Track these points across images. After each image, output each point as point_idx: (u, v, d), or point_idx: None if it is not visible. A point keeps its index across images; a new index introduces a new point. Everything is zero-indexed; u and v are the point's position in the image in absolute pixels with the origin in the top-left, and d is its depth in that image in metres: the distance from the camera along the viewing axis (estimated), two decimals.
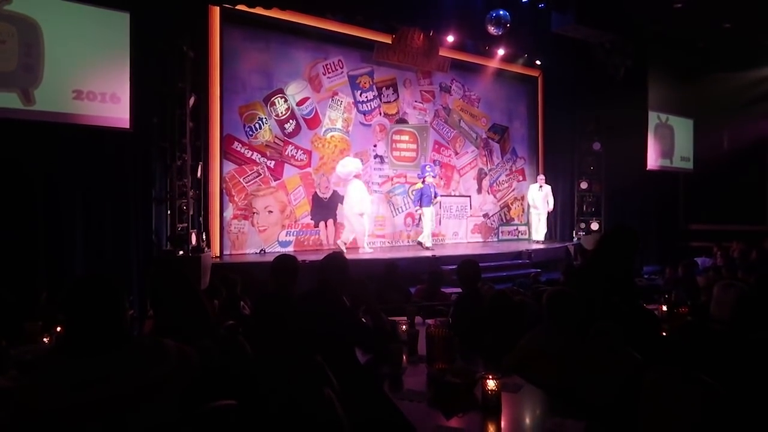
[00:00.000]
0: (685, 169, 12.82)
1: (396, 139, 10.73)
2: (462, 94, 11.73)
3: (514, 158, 12.64)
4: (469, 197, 11.82)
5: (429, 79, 11.16)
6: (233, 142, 8.72)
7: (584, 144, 12.05)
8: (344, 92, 9.99)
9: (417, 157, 11.01)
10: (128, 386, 1.77)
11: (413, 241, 10.78)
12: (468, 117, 11.81)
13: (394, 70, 10.59)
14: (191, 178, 7.18)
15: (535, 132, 12.76)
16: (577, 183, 12.16)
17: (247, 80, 8.89)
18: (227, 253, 8.53)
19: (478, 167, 11.97)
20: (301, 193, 9.43)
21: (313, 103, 9.60)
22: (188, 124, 7.10)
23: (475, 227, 11.94)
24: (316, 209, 9.57)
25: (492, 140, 12.21)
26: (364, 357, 3.19)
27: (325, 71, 9.77)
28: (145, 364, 1.82)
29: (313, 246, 9.49)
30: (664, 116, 12.33)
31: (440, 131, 11.38)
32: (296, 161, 9.39)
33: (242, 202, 8.79)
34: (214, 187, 8.25)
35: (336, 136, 9.88)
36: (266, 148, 9.06)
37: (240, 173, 8.78)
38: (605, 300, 3.30)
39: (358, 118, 10.18)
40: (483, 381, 2.38)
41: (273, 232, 9.11)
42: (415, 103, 11.00)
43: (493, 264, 8.96)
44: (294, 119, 9.39)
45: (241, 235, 8.78)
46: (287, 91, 9.31)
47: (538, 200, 11.39)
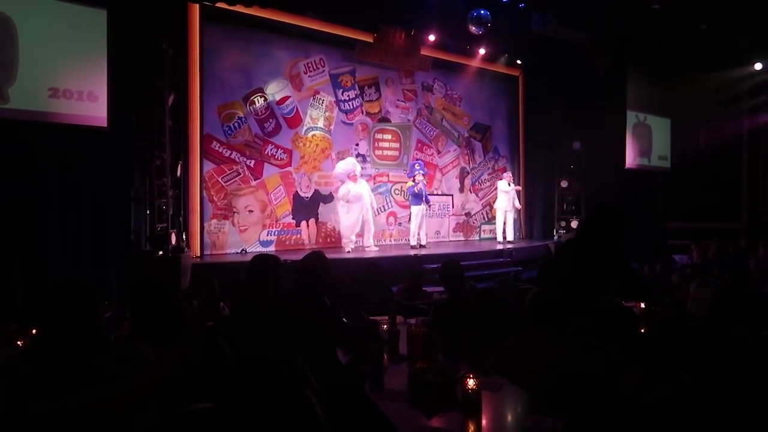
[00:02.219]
0: (663, 168, 13.00)
1: (378, 138, 10.73)
2: (444, 93, 11.76)
3: (496, 157, 12.71)
4: (451, 196, 11.86)
5: (411, 78, 11.18)
6: (212, 141, 8.65)
7: (564, 143, 12.16)
8: (326, 91, 9.96)
9: (400, 156, 11.01)
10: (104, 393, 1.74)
11: (396, 240, 10.80)
12: (450, 116, 11.85)
13: (376, 69, 10.58)
14: (171, 178, 7.11)
15: (517, 131, 12.84)
16: (557, 182, 12.26)
17: (227, 79, 8.82)
18: (207, 254, 8.46)
19: (460, 166, 12.02)
20: (281, 193, 9.38)
21: (293, 101, 9.55)
22: (167, 123, 7.03)
23: (457, 226, 11.98)
24: (297, 209, 9.53)
25: (474, 139, 12.27)
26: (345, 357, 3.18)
27: (307, 70, 9.72)
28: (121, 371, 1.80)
29: (295, 245, 9.45)
30: (642, 115, 12.49)
31: (423, 130, 11.40)
32: (276, 160, 9.34)
33: (222, 202, 8.72)
34: (194, 187, 8.18)
35: (317, 135, 9.84)
36: (245, 148, 9.00)
37: (219, 173, 8.71)
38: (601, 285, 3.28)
39: (340, 116, 10.16)
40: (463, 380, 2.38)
41: (254, 231, 9.06)
42: (398, 101, 11.01)
43: (475, 262, 8.99)
44: (274, 118, 9.33)
45: (222, 235, 8.72)
46: (267, 89, 9.25)
47: (505, 198, 10.90)
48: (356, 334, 3.31)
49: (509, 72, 12.47)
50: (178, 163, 7.42)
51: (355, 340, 3.25)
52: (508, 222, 11.01)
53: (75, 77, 6.16)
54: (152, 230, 6.89)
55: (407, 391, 2.67)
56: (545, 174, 12.47)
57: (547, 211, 12.46)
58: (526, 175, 12.78)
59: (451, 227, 11.89)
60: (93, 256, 6.34)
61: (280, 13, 8.92)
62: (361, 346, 3.17)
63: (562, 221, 12.22)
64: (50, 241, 6.09)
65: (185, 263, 6.90)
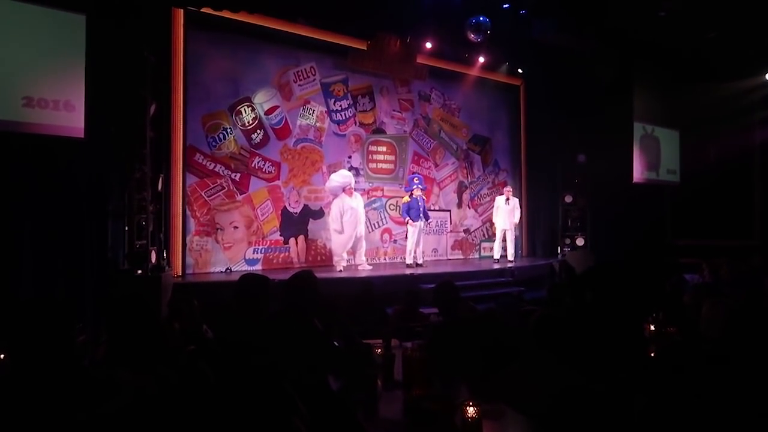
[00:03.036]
0: (672, 182, 13.06)
1: (372, 150, 10.76)
2: (442, 103, 11.84)
3: (497, 170, 12.76)
4: (449, 212, 11.88)
5: (407, 87, 11.25)
6: (195, 153, 8.64)
7: (568, 156, 12.21)
8: (317, 100, 10.00)
9: (395, 169, 11.04)
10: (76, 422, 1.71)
11: (390, 258, 10.78)
12: (448, 127, 11.91)
13: (370, 78, 10.64)
14: (151, 192, 7.09)
15: (518, 143, 12.92)
16: (561, 196, 12.30)
17: (212, 88, 8.85)
18: (190, 272, 8.42)
19: (459, 180, 12.06)
20: (268, 208, 9.37)
21: (282, 111, 9.58)
22: (148, 134, 7.03)
23: (456, 243, 11.99)
24: (286, 225, 9.52)
25: (473, 152, 12.33)
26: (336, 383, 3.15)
27: (296, 78, 9.77)
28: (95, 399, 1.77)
29: (283, 264, 9.42)
30: (650, 127, 12.59)
31: (420, 142, 11.45)
32: (263, 174, 9.34)
33: (205, 218, 8.70)
34: (176, 202, 8.16)
35: (307, 146, 9.86)
36: (231, 160, 9.00)
37: (202, 186, 8.70)
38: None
39: (332, 127, 10.19)
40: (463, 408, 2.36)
41: (239, 249, 9.03)
42: (393, 112, 11.07)
43: (475, 282, 8.99)
44: (262, 129, 9.36)
45: (205, 252, 8.68)
46: (255, 99, 9.28)
47: (504, 214, 10.89)
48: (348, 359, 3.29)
49: (510, 81, 12.57)
50: (159, 176, 7.40)
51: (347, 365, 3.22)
52: (508, 239, 11.00)
53: (51, 86, 6.14)
54: (131, 247, 6.86)
55: (403, 419, 2.65)
56: (548, 188, 12.52)
57: (551, 227, 12.49)
58: (528, 189, 12.83)
59: (449, 245, 11.89)
60: (67, 275, 6.27)
61: (269, 19, 8.98)
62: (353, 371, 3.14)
63: (566, 238, 12.24)
64: (22, 258, 6.03)
65: (166, 283, 6.85)
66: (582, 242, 12.02)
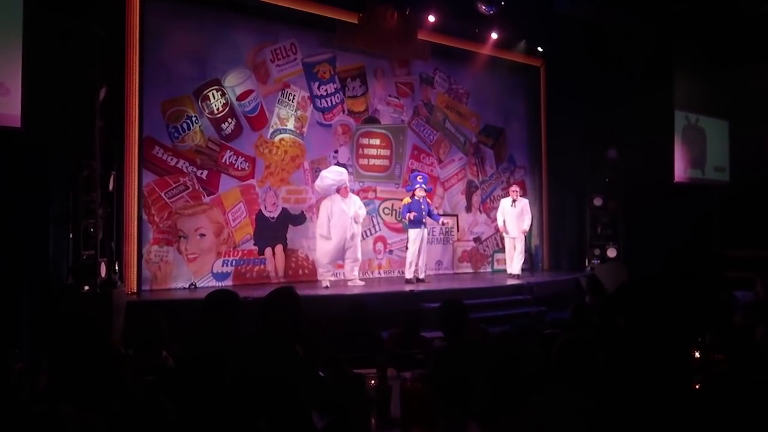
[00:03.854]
0: (720, 182, 13.11)
1: (364, 144, 10.78)
2: (447, 87, 11.87)
3: (512, 168, 12.80)
4: (455, 217, 11.90)
5: (406, 69, 11.28)
6: (154, 146, 8.65)
7: (598, 151, 12.22)
8: (298, 84, 10.02)
9: (390, 166, 11.06)
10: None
11: (386, 272, 10.79)
12: (455, 116, 11.95)
13: (362, 57, 10.67)
14: (101, 192, 7.07)
15: (537, 135, 12.96)
16: (589, 199, 12.32)
17: (174, 68, 8.85)
18: (147, 289, 8.40)
19: (467, 179, 12.09)
20: (241, 212, 9.38)
21: (257, 97, 9.60)
22: (98, 123, 7.02)
23: (464, 254, 12.00)
24: (261, 232, 9.53)
25: (484, 145, 12.36)
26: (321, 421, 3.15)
27: (274, 58, 9.79)
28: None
29: (258, 279, 9.42)
30: (694, 117, 12.64)
31: (420, 133, 11.48)
32: (236, 171, 9.35)
33: (165, 223, 8.69)
34: (131, 204, 8.14)
35: (287, 139, 9.88)
36: (197, 155, 9.01)
37: (162, 186, 8.70)
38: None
39: (316, 116, 10.21)
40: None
41: (206, 261, 9.02)
42: (389, 98, 11.09)
43: (487, 301, 8.99)
44: (233, 118, 9.37)
45: (165, 265, 8.67)
46: (225, 82, 9.29)
47: (510, 220, 10.71)
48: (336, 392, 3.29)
49: (528, 62, 12.61)
50: (111, 173, 7.39)
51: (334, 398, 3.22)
52: (516, 250, 10.83)
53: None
54: (76, 259, 6.84)
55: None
56: (574, 189, 12.56)
57: (577, 235, 12.52)
58: (549, 190, 12.87)
59: (457, 256, 11.91)
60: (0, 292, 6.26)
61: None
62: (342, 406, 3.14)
63: (595, 248, 12.25)
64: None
65: (118, 301, 6.84)
66: (614, 253, 12.04)
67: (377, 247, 10.86)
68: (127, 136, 8.08)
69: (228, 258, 9.24)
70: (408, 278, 9.80)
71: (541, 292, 10.03)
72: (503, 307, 9.02)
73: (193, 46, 9.03)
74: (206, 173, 9.08)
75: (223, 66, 9.30)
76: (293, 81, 9.99)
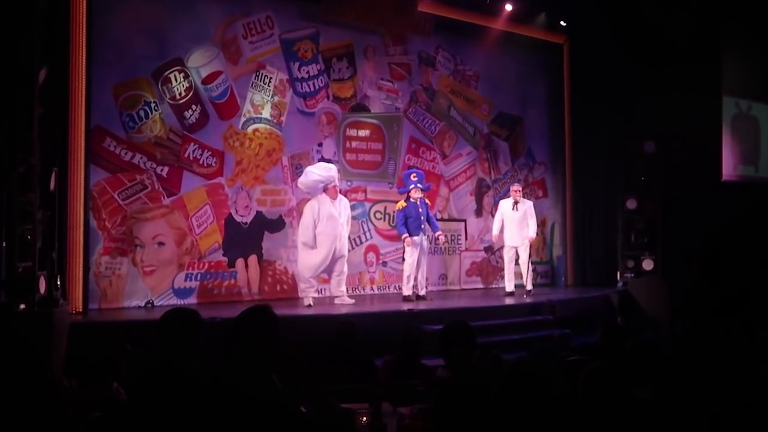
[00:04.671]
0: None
1: (352, 135, 10.81)
2: (452, 69, 11.89)
3: (531, 164, 12.83)
4: (463, 222, 11.90)
5: (402, 47, 11.30)
6: (104, 138, 8.63)
7: (631, 144, 12.23)
8: (275, 65, 10.04)
9: (383, 161, 11.08)
10: None
11: (379, 287, 10.78)
12: (461, 102, 11.97)
13: (350, 33, 10.70)
14: (40, 193, 7.04)
15: (560, 126, 13.00)
16: (622, 201, 12.32)
17: (128, 45, 8.84)
18: (95, 307, 8.38)
19: (477, 177, 12.10)
20: (207, 216, 9.37)
21: (227, 80, 9.60)
22: (36, 110, 6.98)
23: (473, 267, 11.99)
24: (232, 240, 9.53)
25: (497, 137, 12.38)
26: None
27: (247, 33, 9.80)
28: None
29: (227, 296, 9.42)
30: (746, 103, 12.67)
31: (419, 123, 11.50)
32: (201, 167, 9.35)
33: (117, 230, 8.67)
34: (76, 207, 8.12)
35: (261, 129, 9.89)
36: (156, 148, 9.00)
37: (115, 185, 8.68)
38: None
39: (296, 103, 10.23)
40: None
41: (165, 274, 9.01)
42: (382, 81, 11.11)
43: (499, 322, 8.97)
44: (198, 104, 9.37)
45: (117, 279, 8.65)
46: (189, 62, 9.30)
47: (511, 226, 10.65)
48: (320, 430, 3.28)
49: (549, 39, 12.66)
50: (52, 170, 7.36)
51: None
52: (522, 262, 10.79)
53: None
54: (11, 271, 6.79)
55: None
56: (603, 190, 12.57)
57: (607, 244, 12.52)
58: (574, 191, 12.89)
59: (464, 269, 11.92)
60: None
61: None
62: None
63: (628, 259, 12.25)
64: None
65: (60, 322, 6.79)
66: (650, 265, 12.04)
67: (368, 257, 10.86)
68: (72, 125, 8.06)
69: (192, 271, 9.23)
70: (406, 295, 9.79)
71: (564, 312, 10.02)
72: (519, 330, 9.01)
73: (152, 19, 9.03)
74: (167, 170, 9.07)
75: (187, 43, 9.30)
76: (269, 61, 10.00)
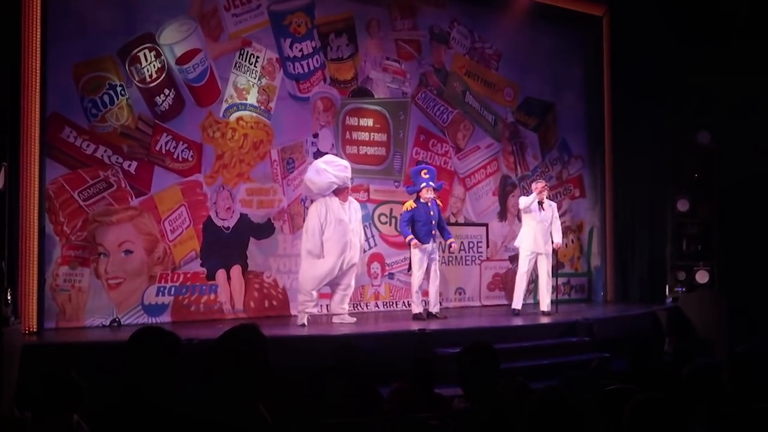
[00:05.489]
0: None
1: (352, 125, 10.84)
2: (469, 46, 11.92)
3: (565, 158, 12.87)
4: (484, 227, 11.92)
5: (411, 20, 11.33)
6: (63, 127, 8.65)
7: (682, 134, 12.23)
8: (262, 41, 10.07)
9: (388, 155, 11.11)
10: None
11: (385, 303, 10.78)
12: (479, 87, 11.99)
13: (350, 4, 10.76)
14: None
15: (599, 113, 13.03)
16: (672, 202, 12.32)
17: (91, 18, 8.86)
18: (51, 327, 8.38)
19: (501, 174, 12.12)
20: (183, 219, 9.39)
21: (206, 59, 9.62)
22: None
23: (496, 279, 11.99)
24: (211, 248, 9.56)
25: (524, 126, 12.41)
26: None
27: (230, 5, 9.83)
28: None
29: (207, 313, 9.44)
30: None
31: (429, 111, 11.54)
32: (175, 162, 9.38)
33: (78, 236, 8.69)
34: (30, 209, 8.11)
35: (247, 117, 9.93)
36: (123, 139, 9.02)
37: (75, 183, 8.70)
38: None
39: (287, 86, 10.27)
40: None
41: (133, 288, 9.02)
42: (387, 62, 11.14)
43: (527, 344, 8.98)
44: (172, 88, 9.40)
45: (77, 294, 8.66)
46: (161, 38, 9.32)
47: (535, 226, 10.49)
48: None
49: (586, 10, 12.71)
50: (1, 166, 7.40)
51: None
52: (541, 274, 10.70)
53: None
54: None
55: None
56: (649, 189, 12.60)
57: (654, 253, 12.52)
58: (615, 190, 12.93)
59: (485, 282, 11.93)
60: None
61: None
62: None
63: (679, 271, 12.24)
64: None
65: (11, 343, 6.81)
66: (705, 277, 12.02)
67: (372, 269, 10.88)
68: (25, 113, 8.04)
69: (164, 284, 9.25)
70: (416, 313, 9.80)
71: (603, 333, 10.02)
72: (550, 354, 9.04)
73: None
74: (135, 165, 9.09)
75: (159, 16, 9.33)
76: (256, 37, 10.03)
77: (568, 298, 12.53)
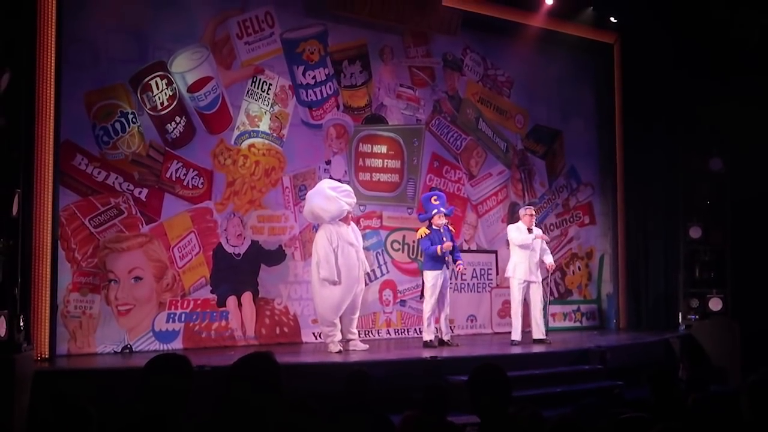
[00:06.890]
0: None
1: (365, 152, 10.86)
2: (482, 73, 11.96)
3: (574, 185, 12.86)
4: (494, 254, 11.91)
5: (425, 47, 11.38)
6: (75, 155, 8.70)
7: (694, 161, 12.21)
8: (275, 69, 10.12)
9: (401, 182, 11.12)
10: None
11: (397, 330, 10.75)
12: (492, 113, 12.02)
13: (364, 32, 10.80)
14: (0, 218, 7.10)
15: (610, 141, 13.03)
16: (684, 229, 12.29)
17: (104, 47, 8.92)
18: (63, 353, 8.39)
19: (510, 201, 12.12)
20: (192, 246, 9.41)
21: (217, 87, 9.68)
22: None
23: (507, 307, 11.94)
24: (222, 274, 9.56)
25: (533, 153, 12.42)
26: None
27: (242, 32, 9.89)
28: None
29: (218, 340, 9.45)
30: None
31: (443, 138, 11.56)
32: (185, 189, 9.41)
33: (89, 262, 8.72)
34: (43, 235, 8.12)
35: (259, 145, 9.96)
36: (134, 166, 9.06)
37: (86, 210, 8.73)
38: None
39: (300, 113, 10.30)
40: None
41: (144, 314, 9.03)
42: (400, 88, 11.18)
43: (539, 372, 8.96)
44: (183, 116, 9.45)
45: (88, 320, 8.67)
46: (173, 66, 9.38)
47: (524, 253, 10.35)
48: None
49: (597, 38, 12.72)
50: (15, 193, 7.42)
51: None
52: (533, 301, 10.56)
53: None
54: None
55: None
56: (662, 216, 12.55)
57: (666, 280, 12.47)
58: (627, 217, 12.91)
59: (496, 309, 11.91)
60: None
61: None
62: None
63: (692, 298, 12.19)
64: None
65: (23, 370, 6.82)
66: (718, 305, 11.96)
67: (384, 296, 10.86)
68: (38, 140, 8.06)
69: (175, 311, 9.25)
70: (427, 340, 9.77)
71: (616, 361, 9.97)
72: (563, 382, 8.99)
73: (131, 16, 9.11)
74: (145, 192, 9.12)
75: (171, 44, 9.39)
76: (268, 65, 10.08)
77: (580, 326, 12.50)
